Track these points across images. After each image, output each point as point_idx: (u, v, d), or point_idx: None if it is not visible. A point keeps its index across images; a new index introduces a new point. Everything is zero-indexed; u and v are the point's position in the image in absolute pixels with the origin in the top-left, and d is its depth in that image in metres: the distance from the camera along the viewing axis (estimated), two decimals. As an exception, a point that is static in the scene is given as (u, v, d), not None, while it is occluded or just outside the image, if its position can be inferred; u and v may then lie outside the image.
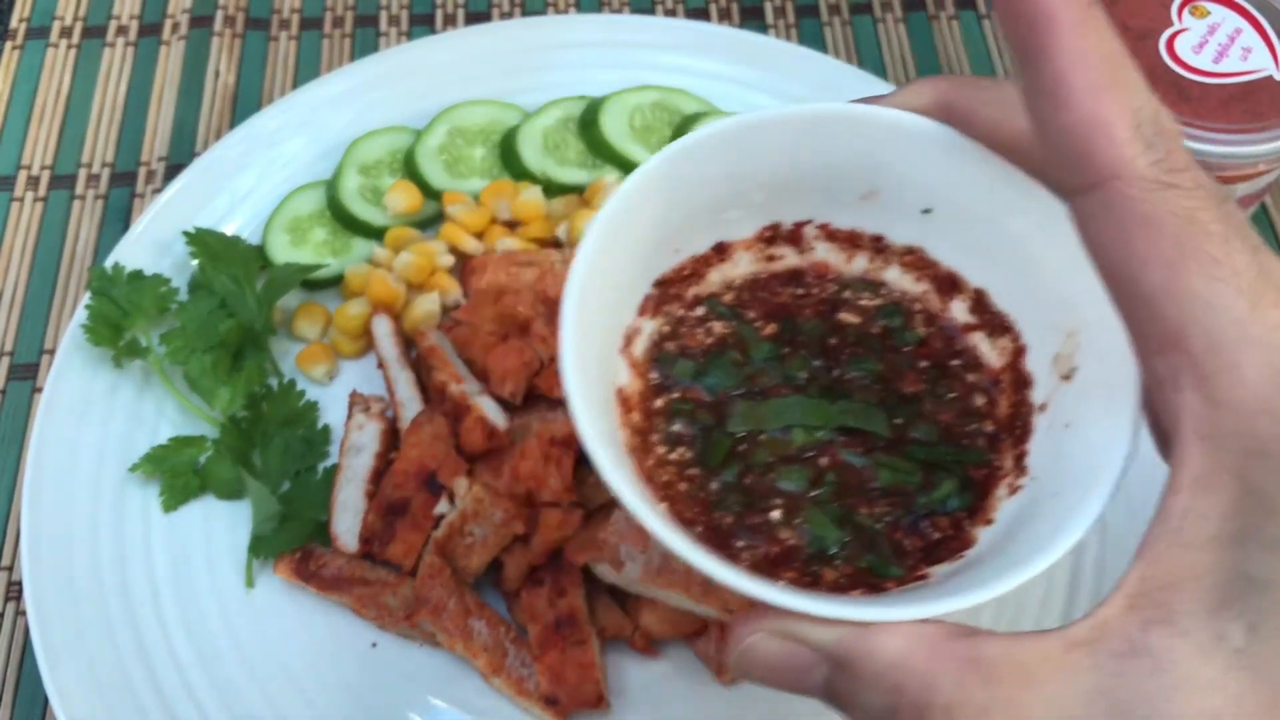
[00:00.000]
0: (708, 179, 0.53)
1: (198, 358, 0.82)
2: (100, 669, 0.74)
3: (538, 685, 0.73)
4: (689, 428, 0.54)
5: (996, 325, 0.55)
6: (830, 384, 0.55)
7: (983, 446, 0.53)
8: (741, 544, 0.50)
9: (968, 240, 0.54)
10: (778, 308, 0.57)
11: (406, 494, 0.77)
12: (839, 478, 0.52)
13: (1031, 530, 0.46)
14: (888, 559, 0.50)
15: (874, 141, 0.52)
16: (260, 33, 1.08)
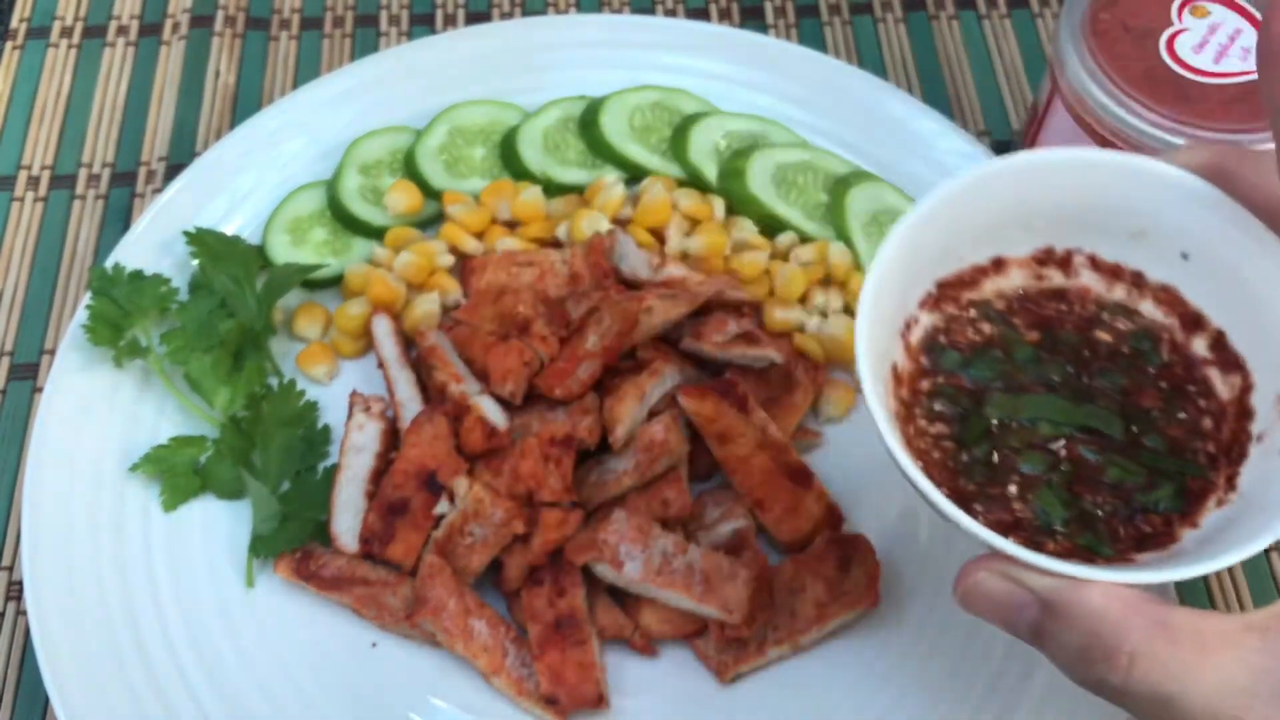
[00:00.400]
0: (998, 201, 0.62)
1: (198, 357, 0.82)
2: (100, 668, 0.74)
3: (537, 685, 0.73)
4: (950, 408, 0.63)
5: (1231, 363, 0.63)
6: (1079, 389, 0.63)
7: (1204, 463, 0.61)
8: (979, 508, 0.59)
9: (1216, 287, 0.63)
10: (1042, 319, 0.65)
11: (406, 494, 0.77)
12: (1073, 467, 0.61)
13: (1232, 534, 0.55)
14: (1103, 540, 0.58)
15: (1148, 190, 0.61)
16: (260, 33, 1.08)
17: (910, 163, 0.95)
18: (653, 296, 0.83)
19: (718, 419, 0.79)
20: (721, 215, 0.93)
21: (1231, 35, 0.83)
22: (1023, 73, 1.07)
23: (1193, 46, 0.82)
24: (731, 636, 0.74)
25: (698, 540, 0.78)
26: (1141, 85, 0.81)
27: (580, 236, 0.89)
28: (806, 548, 0.79)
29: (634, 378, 0.80)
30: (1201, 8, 0.84)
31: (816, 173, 0.94)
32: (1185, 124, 0.79)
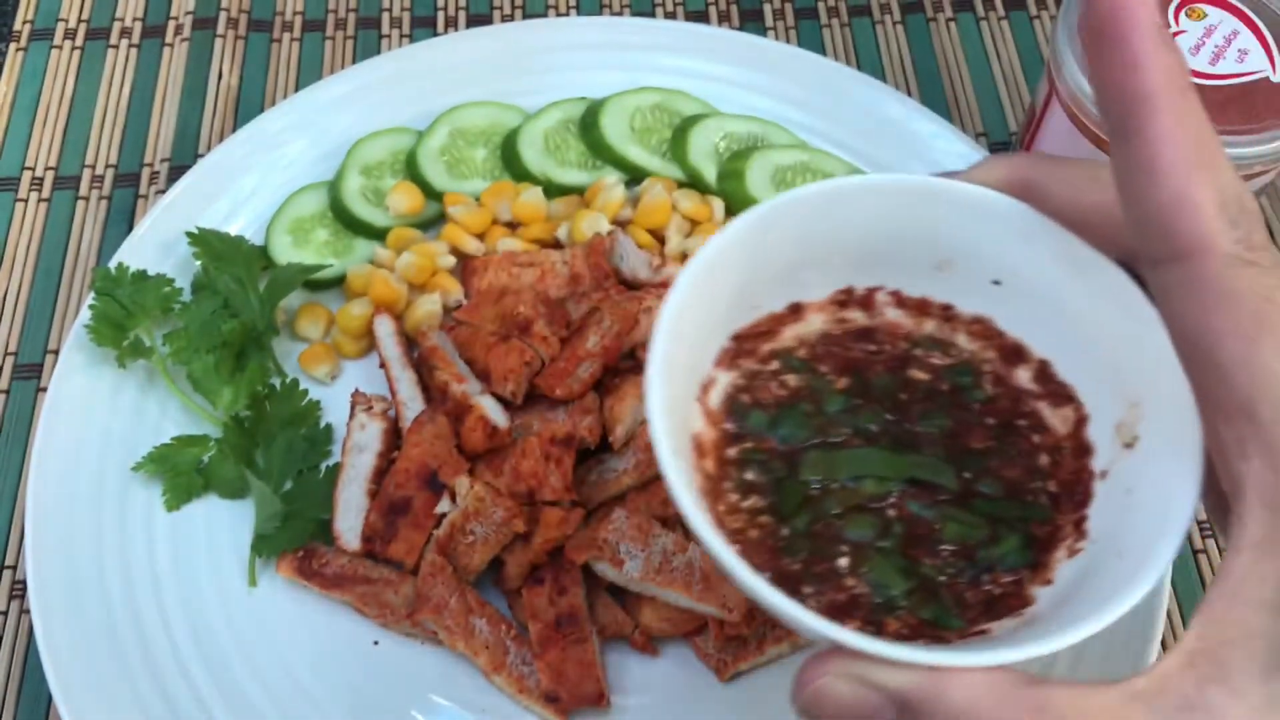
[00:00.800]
0: (788, 241, 0.55)
1: (201, 358, 0.83)
2: (104, 667, 0.74)
3: (539, 683, 0.74)
4: (762, 476, 0.55)
5: (1060, 395, 0.56)
6: (900, 437, 0.56)
7: (1046, 504, 0.55)
8: (809, 590, 0.52)
9: (1035, 313, 0.56)
10: (850, 362, 0.59)
11: (408, 493, 0.78)
12: (906, 529, 0.54)
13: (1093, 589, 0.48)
14: (950, 611, 0.52)
15: (949, 215, 0.54)
16: (263, 35, 1.09)
17: (908, 164, 0.95)
18: (653, 297, 0.84)
19: (717, 418, 0.79)
20: (721, 216, 0.93)
21: (1228, 37, 0.83)
22: (1020, 74, 1.07)
23: (1189, 48, 0.83)
24: (731, 635, 0.75)
25: (697, 539, 0.79)
26: (1138, 87, 0.81)
27: (581, 237, 0.89)
28: (805, 546, 0.79)
29: (634, 378, 0.81)
30: (1198, 10, 0.85)
31: (815, 174, 0.94)
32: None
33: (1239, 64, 0.82)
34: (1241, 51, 0.83)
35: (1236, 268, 0.39)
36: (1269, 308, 0.39)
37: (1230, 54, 0.83)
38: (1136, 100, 0.40)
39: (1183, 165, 0.40)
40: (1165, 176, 0.40)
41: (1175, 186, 0.40)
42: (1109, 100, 0.41)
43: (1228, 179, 0.40)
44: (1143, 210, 0.41)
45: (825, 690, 0.45)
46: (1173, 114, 0.40)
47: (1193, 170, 0.40)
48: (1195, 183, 0.40)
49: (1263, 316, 0.39)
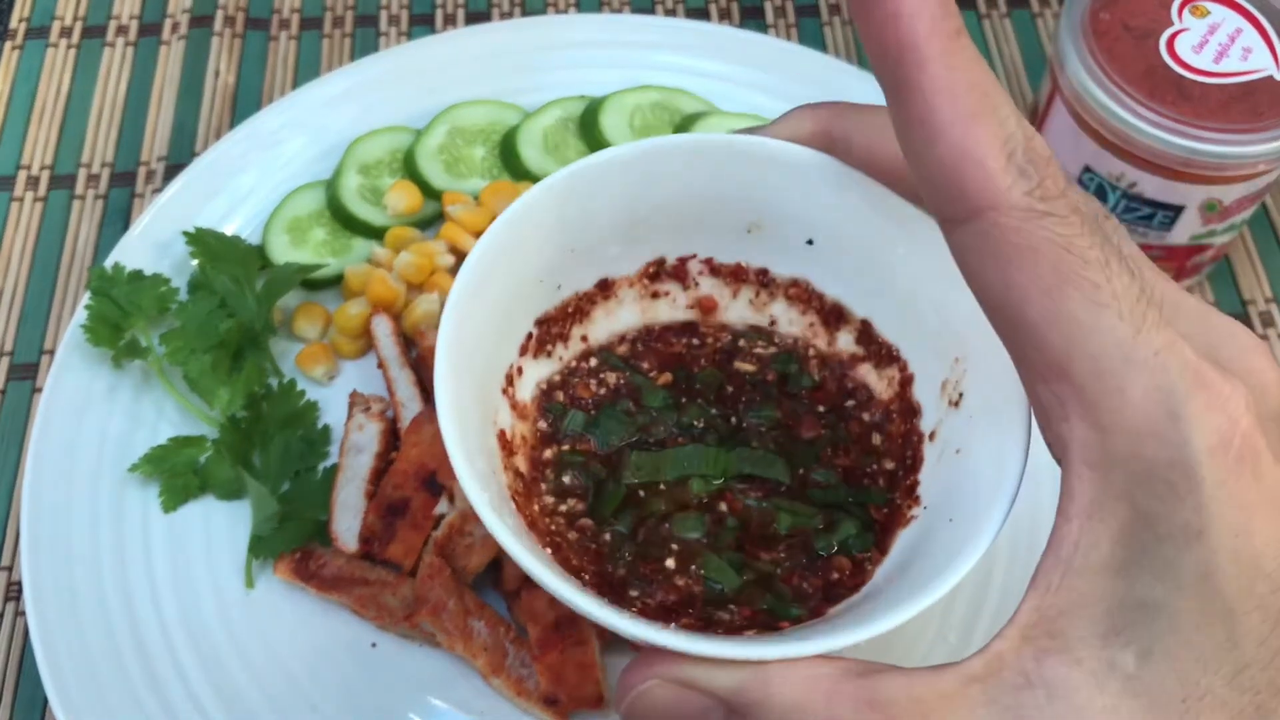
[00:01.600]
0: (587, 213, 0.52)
1: (197, 358, 0.82)
2: (100, 669, 0.74)
3: (538, 685, 0.73)
4: (580, 479, 0.53)
5: (884, 355, 0.55)
6: (728, 432, 0.54)
7: (883, 486, 0.53)
8: (635, 593, 0.50)
9: (851, 270, 0.54)
10: (672, 357, 0.57)
11: (406, 494, 0.77)
12: (740, 522, 0.52)
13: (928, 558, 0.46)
14: (787, 601, 0.50)
15: (755, 173, 0.52)
16: (260, 32, 1.08)
17: (910, 163, 0.94)
18: (653, 296, 0.83)
19: (718, 419, 0.79)
20: (721, 215, 0.93)
21: (1231, 35, 0.83)
22: (1023, 72, 1.07)
23: (1193, 46, 0.82)
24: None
25: (698, 540, 0.78)
26: (1141, 85, 0.81)
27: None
28: (807, 548, 0.78)
29: (634, 378, 0.80)
30: (1201, 7, 0.84)
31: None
32: (1185, 123, 0.79)
33: (1242, 62, 0.82)
34: (1245, 49, 0.82)
35: (1031, 220, 0.37)
36: (1069, 258, 0.37)
37: (1234, 52, 0.82)
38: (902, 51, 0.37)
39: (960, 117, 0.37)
40: (942, 131, 0.37)
41: (954, 141, 0.37)
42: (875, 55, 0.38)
43: (1012, 125, 0.37)
44: (926, 169, 0.38)
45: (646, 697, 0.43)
46: (942, 62, 0.37)
47: (971, 121, 0.37)
48: (975, 134, 0.37)
49: (1063, 267, 0.37)
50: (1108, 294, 0.37)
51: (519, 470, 0.52)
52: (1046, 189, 0.37)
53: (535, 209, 0.51)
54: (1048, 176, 0.37)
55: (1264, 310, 0.94)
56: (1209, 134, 0.79)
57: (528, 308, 0.54)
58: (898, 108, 0.39)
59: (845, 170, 0.50)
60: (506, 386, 0.53)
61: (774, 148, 0.51)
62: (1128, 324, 0.37)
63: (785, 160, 0.51)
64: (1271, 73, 0.81)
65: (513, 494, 0.51)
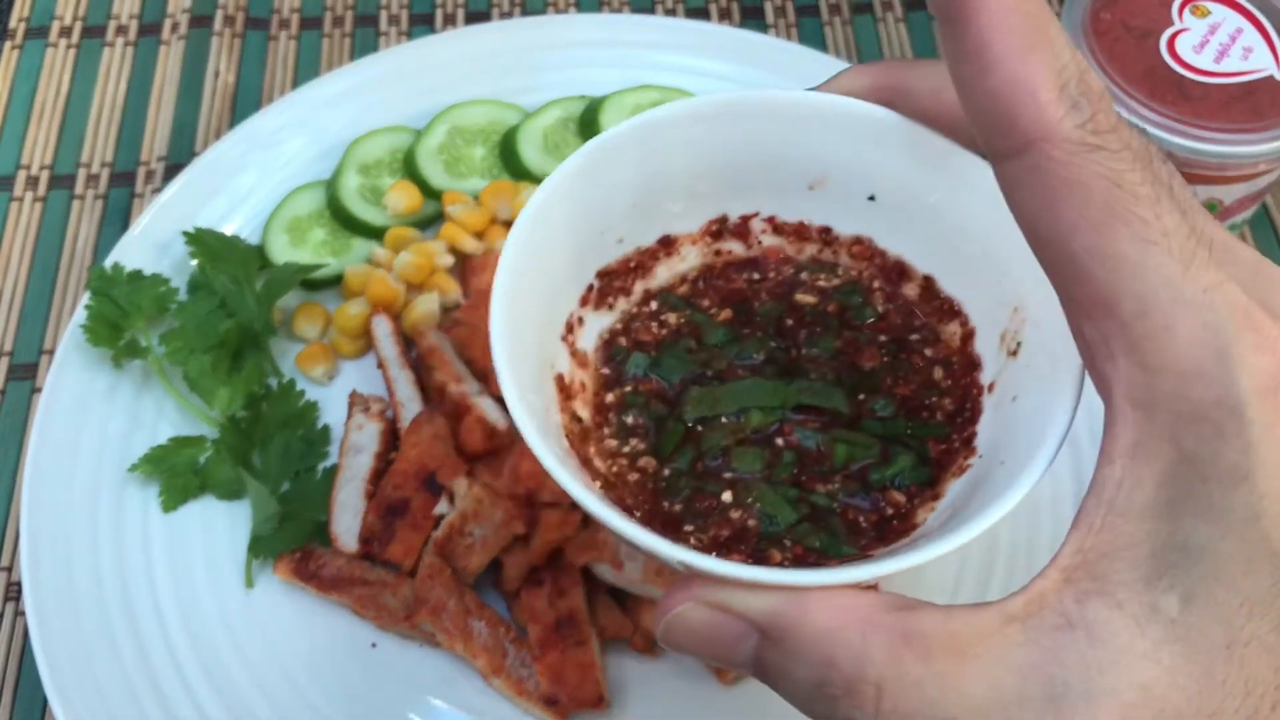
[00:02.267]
0: (650, 167, 0.52)
1: (197, 358, 0.82)
2: (99, 669, 0.74)
3: (538, 685, 0.73)
4: (642, 418, 0.53)
5: (945, 310, 0.54)
6: (788, 364, 0.54)
7: (942, 420, 0.53)
8: (690, 528, 0.50)
9: (913, 225, 0.54)
10: (733, 293, 0.56)
11: (406, 494, 0.77)
12: (798, 457, 0.51)
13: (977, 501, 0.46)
14: (841, 538, 0.49)
15: (817, 128, 0.52)
16: (260, 32, 1.08)
17: (910, 162, 0.94)
18: (653, 296, 0.83)
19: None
20: (721, 215, 0.93)
21: (1232, 35, 0.83)
22: (1023, 72, 1.06)
23: (1193, 46, 0.82)
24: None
25: (698, 540, 0.78)
26: (1142, 84, 0.81)
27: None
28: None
29: (634, 378, 0.80)
30: (1202, 7, 0.84)
31: None
32: (1185, 123, 0.79)
33: (1243, 62, 0.82)
34: (1246, 49, 0.82)
35: (1082, 154, 0.36)
36: (1119, 194, 0.36)
37: (1235, 52, 0.82)
38: None
39: (1015, 48, 0.36)
40: (997, 62, 0.36)
41: (1008, 71, 0.36)
42: None
43: (1067, 58, 0.36)
44: (978, 101, 0.38)
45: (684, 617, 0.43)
46: None
47: (1026, 52, 0.36)
48: (1030, 65, 0.36)
49: (1114, 203, 0.36)
50: (1157, 231, 0.36)
51: (576, 414, 0.52)
52: (1099, 122, 0.36)
53: (599, 161, 0.50)
54: (1100, 110, 0.36)
55: (1264, 310, 0.94)
56: (1210, 134, 0.79)
57: (589, 259, 0.54)
58: (953, 40, 0.38)
59: (905, 123, 0.50)
60: (566, 334, 0.53)
61: (835, 102, 0.51)
62: (1177, 261, 0.36)
63: (846, 115, 0.51)
64: (1272, 72, 0.81)
65: (567, 433, 0.51)
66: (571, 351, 0.53)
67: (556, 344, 0.53)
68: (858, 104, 0.51)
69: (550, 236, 0.50)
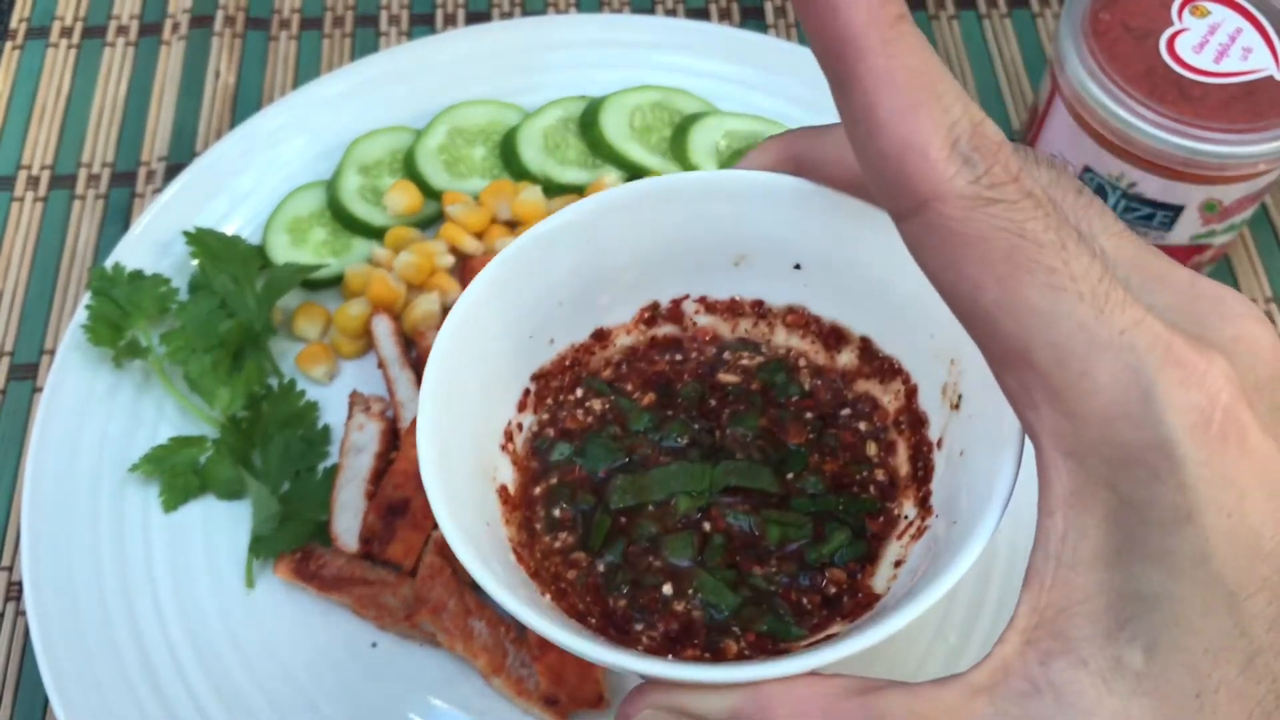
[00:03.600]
0: (570, 266, 0.52)
1: (198, 358, 0.82)
2: (100, 669, 0.74)
3: (538, 685, 0.73)
4: (570, 510, 0.52)
5: (886, 370, 0.54)
6: (712, 446, 0.53)
7: (875, 495, 0.52)
8: (640, 626, 0.49)
9: (842, 288, 0.54)
10: (655, 376, 0.56)
11: (406, 494, 0.77)
12: (727, 541, 0.51)
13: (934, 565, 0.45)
14: (788, 620, 0.49)
15: (731, 206, 0.52)
16: (260, 33, 1.08)
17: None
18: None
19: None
20: (721, 215, 0.93)
21: (1232, 35, 0.83)
22: (1023, 72, 1.07)
23: (1193, 46, 0.82)
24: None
25: (698, 540, 0.78)
26: (1142, 85, 0.81)
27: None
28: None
29: (634, 378, 0.80)
30: (1201, 7, 0.84)
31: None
32: (1185, 123, 0.79)
33: (1243, 62, 0.82)
34: (1245, 49, 0.82)
35: (978, 208, 0.35)
36: (1022, 244, 0.35)
37: (1234, 52, 0.82)
38: (842, 44, 0.36)
39: (900, 107, 0.36)
40: (884, 124, 0.36)
41: (896, 132, 0.36)
42: (818, 50, 0.37)
43: (958, 112, 0.36)
44: (871, 164, 0.37)
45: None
46: (881, 51, 0.36)
47: (912, 110, 0.36)
48: (916, 123, 0.35)
49: (1016, 254, 0.35)
50: (1065, 276, 0.35)
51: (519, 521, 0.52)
52: (995, 175, 0.36)
53: (520, 265, 0.50)
54: (996, 163, 0.36)
55: (1264, 310, 0.94)
56: (1209, 134, 0.79)
57: (521, 365, 0.54)
58: (842, 104, 0.38)
59: (818, 190, 0.50)
60: (506, 443, 0.53)
61: (745, 178, 0.51)
62: (1089, 305, 0.35)
63: (758, 188, 0.51)
64: (1272, 73, 0.81)
65: (516, 547, 0.50)
66: (513, 459, 0.53)
67: (497, 454, 0.52)
68: (768, 176, 0.51)
69: (478, 347, 0.50)
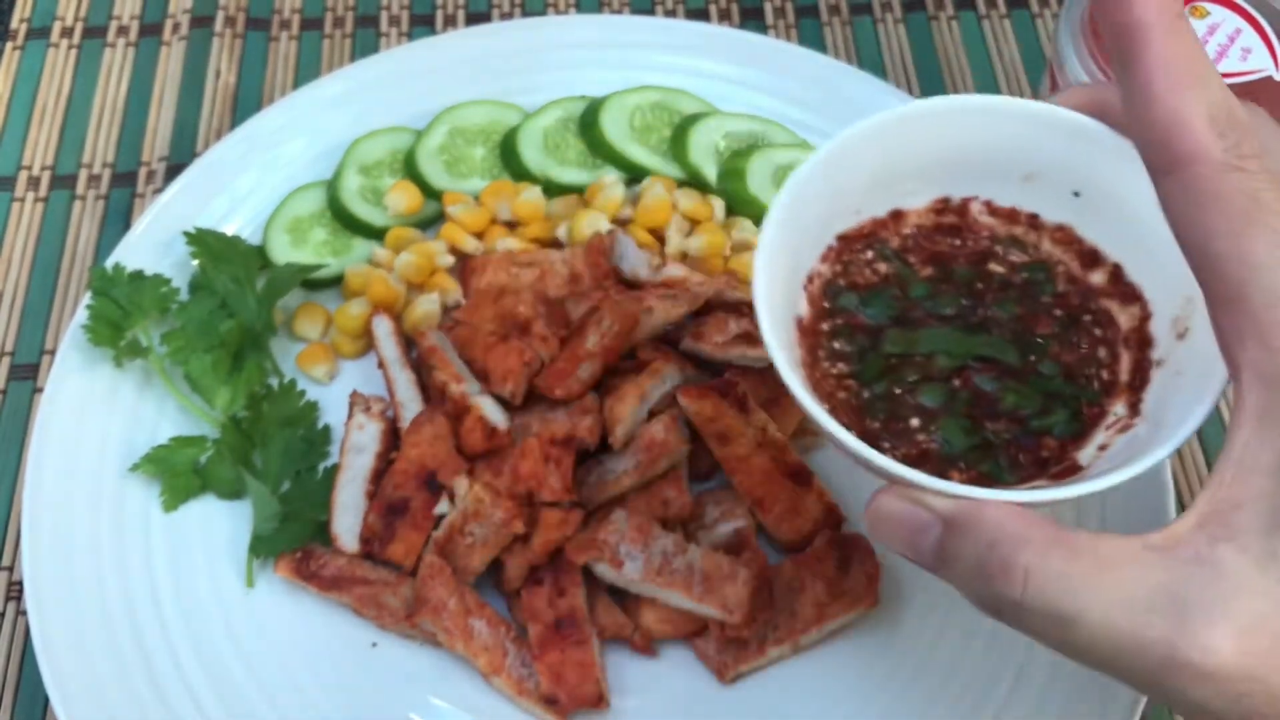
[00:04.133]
0: (891, 153, 0.64)
1: (198, 358, 0.82)
2: (100, 669, 0.74)
3: (538, 685, 0.73)
4: (849, 346, 0.64)
5: (1129, 295, 0.65)
6: (973, 321, 0.65)
7: (1097, 389, 0.63)
8: (887, 445, 0.61)
9: (1109, 220, 0.64)
10: (935, 254, 0.67)
11: (407, 494, 0.77)
12: (971, 396, 0.63)
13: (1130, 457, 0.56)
14: (1003, 467, 0.61)
15: (1036, 133, 0.63)
16: (261, 33, 1.08)
17: (910, 163, 0.95)
18: (653, 296, 0.83)
19: (717, 419, 0.79)
20: (721, 215, 0.93)
21: (1231, 36, 0.83)
22: (1022, 73, 1.07)
23: (1192, 47, 0.83)
24: (732, 636, 0.74)
25: (698, 540, 0.79)
26: (1141, 85, 0.81)
27: (580, 237, 0.89)
28: (806, 548, 0.79)
29: (634, 378, 0.80)
30: (1200, 8, 0.85)
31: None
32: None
33: (1242, 63, 0.82)
34: (1245, 50, 0.83)
35: (1225, 173, 0.45)
36: (1254, 206, 0.44)
37: (1233, 53, 0.82)
38: (1131, 30, 0.46)
39: (1175, 85, 0.45)
40: (1159, 98, 0.46)
41: (1168, 105, 0.46)
42: (1109, 32, 0.47)
43: (1217, 95, 0.45)
44: (1144, 130, 0.47)
45: (886, 507, 0.53)
46: (1164, 40, 0.46)
47: (1184, 89, 0.45)
48: (1186, 101, 0.45)
49: (1249, 213, 0.44)
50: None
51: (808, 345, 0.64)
52: (1242, 150, 0.45)
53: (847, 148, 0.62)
54: (1244, 139, 0.45)
55: (1263, 310, 0.94)
56: (1208, 134, 0.79)
57: (831, 225, 0.66)
58: (1125, 77, 0.47)
59: (1109, 134, 0.60)
60: (806, 284, 0.65)
61: (1054, 113, 0.62)
62: None
63: (1062, 123, 0.62)
64: (1271, 73, 0.82)
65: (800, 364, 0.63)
66: (809, 298, 0.65)
67: (799, 292, 0.65)
68: (1072, 115, 0.61)
69: (803, 206, 0.62)
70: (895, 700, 0.76)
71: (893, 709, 0.75)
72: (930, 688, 0.76)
